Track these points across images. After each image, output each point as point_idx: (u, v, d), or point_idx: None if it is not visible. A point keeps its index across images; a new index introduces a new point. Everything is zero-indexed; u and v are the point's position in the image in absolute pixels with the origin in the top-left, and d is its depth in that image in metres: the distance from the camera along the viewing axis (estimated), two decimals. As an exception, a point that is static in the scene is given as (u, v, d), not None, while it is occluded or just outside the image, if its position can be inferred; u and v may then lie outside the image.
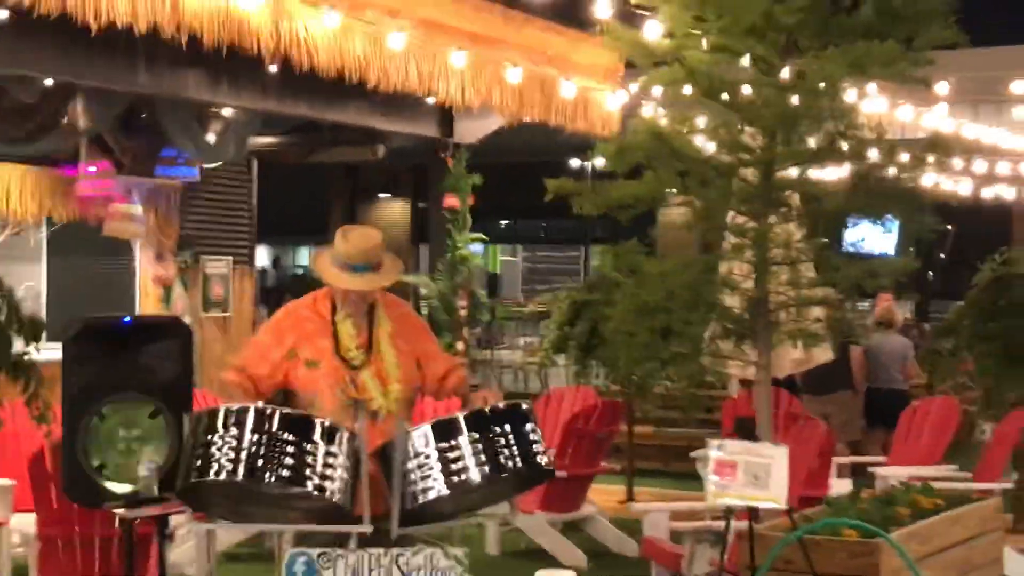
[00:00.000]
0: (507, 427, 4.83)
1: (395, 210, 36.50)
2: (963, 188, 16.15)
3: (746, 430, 5.55)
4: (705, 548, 6.75)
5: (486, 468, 4.76)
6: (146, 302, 12.54)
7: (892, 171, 6.68)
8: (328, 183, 38.27)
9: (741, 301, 6.66)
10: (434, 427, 4.80)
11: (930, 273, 25.88)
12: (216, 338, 13.07)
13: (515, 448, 4.81)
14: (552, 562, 8.83)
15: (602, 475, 9.80)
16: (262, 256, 46.03)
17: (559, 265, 39.13)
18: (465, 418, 4.82)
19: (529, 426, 4.91)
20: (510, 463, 4.79)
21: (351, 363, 5.23)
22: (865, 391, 11.78)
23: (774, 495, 5.45)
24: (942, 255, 25.23)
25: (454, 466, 4.75)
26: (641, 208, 6.52)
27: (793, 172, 6.69)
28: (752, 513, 5.60)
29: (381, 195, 36.33)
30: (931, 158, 6.84)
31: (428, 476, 4.75)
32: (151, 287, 12.52)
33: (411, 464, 4.76)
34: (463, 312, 12.21)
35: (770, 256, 6.45)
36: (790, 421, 8.48)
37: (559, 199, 6.64)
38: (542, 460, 4.88)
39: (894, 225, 7.31)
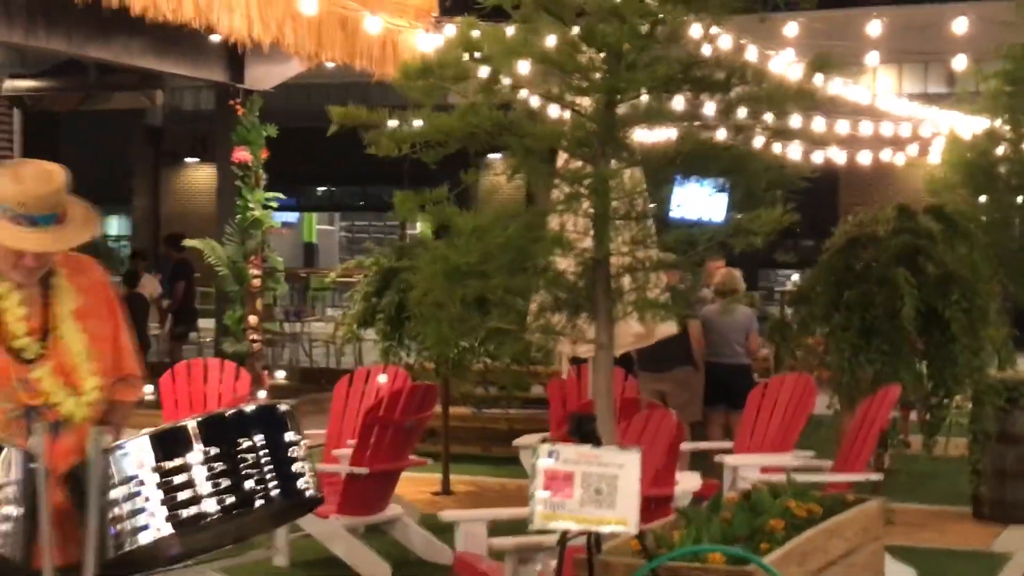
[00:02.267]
0: (259, 438, 3.45)
1: (202, 175, 34.45)
2: (792, 151, 15.10)
3: (585, 430, 4.25)
4: (531, 570, 5.46)
5: (227, 499, 3.37)
6: None
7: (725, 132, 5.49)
8: (130, 147, 36.13)
9: (576, 264, 5.37)
10: (152, 439, 3.38)
11: (757, 239, 25.22)
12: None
13: (268, 469, 3.43)
14: (348, 574, 7.48)
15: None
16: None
17: (380, 234, 37.59)
18: (199, 425, 3.42)
19: (289, 436, 3.53)
20: (261, 490, 3.41)
21: (20, 355, 3.72)
22: (703, 367, 10.63)
23: (622, 516, 4.17)
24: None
25: (181, 496, 3.35)
26: (451, 147, 5.17)
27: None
28: (593, 538, 4.32)
29: (188, 159, 34.29)
30: (769, 116, 5.66)
31: (142, 511, 3.33)
32: None
33: (116, 494, 3.34)
34: (256, 282, 10.70)
35: (612, 207, 5.18)
36: (630, 408, 7.23)
37: (374, 160, 5.27)
38: (304, 485, 3.51)
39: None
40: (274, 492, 3.42)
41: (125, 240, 39.39)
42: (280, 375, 17.93)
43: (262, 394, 13.30)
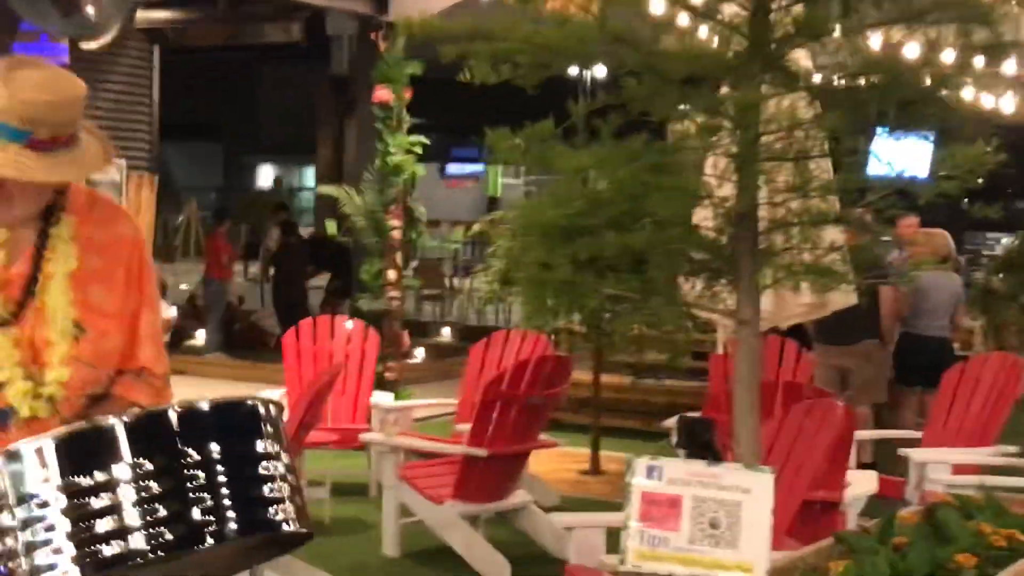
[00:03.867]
0: (214, 449, 2.47)
1: (387, 124, 33.85)
2: (1005, 103, 13.36)
3: (700, 440, 3.18)
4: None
5: (164, 534, 2.40)
6: None
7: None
8: (316, 97, 35.84)
9: (716, 217, 4.25)
10: (61, 444, 2.43)
11: (965, 200, 23.31)
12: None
13: (226, 493, 2.45)
14: (464, 569, 6.52)
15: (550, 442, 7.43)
16: (267, 175, 43.85)
17: (568, 188, 36.47)
18: (130, 428, 2.45)
19: (261, 446, 2.54)
20: (213, 522, 2.43)
21: None
22: (898, 338, 9.27)
23: (746, 559, 3.08)
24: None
25: (100, 527, 2.39)
26: (559, 66, 4.10)
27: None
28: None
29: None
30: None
31: (44, 545, 2.39)
32: None
33: (7, 519, 2.41)
34: (396, 234, 9.80)
35: (762, 143, 4.04)
36: (792, 397, 6.04)
37: (564, 109, 4.21)
38: (277, 515, 2.52)
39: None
40: (231, 526, 2.44)
41: (311, 191, 39.31)
42: (445, 332, 17.23)
43: (420, 353, 12.47)
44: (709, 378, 8.26)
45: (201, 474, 2.44)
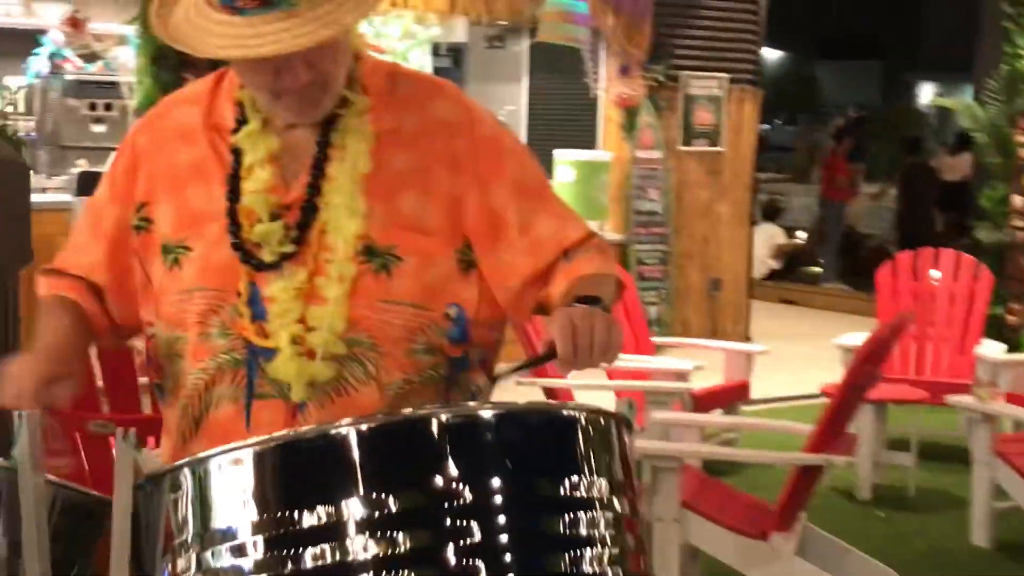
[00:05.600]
0: (494, 485, 1.55)
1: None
2: None
3: None
4: None
5: None
6: (609, 130, 9.74)
7: None
8: (980, 6, 33.22)
9: None
10: (261, 457, 1.61)
11: None
12: (699, 180, 10.02)
13: (508, 561, 1.53)
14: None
15: None
16: (927, 94, 41.64)
17: None
18: (366, 439, 1.58)
19: (575, 485, 1.59)
20: None
21: (255, 255, 1.99)
22: None
23: None
24: None
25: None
26: None
27: None
28: None
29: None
30: None
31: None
32: (614, 111, 9.69)
33: (183, 562, 1.63)
34: (1029, 153, 8.26)
35: None
36: None
37: None
38: None
39: None
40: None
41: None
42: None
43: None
44: None
45: (475, 527, 1.53)
